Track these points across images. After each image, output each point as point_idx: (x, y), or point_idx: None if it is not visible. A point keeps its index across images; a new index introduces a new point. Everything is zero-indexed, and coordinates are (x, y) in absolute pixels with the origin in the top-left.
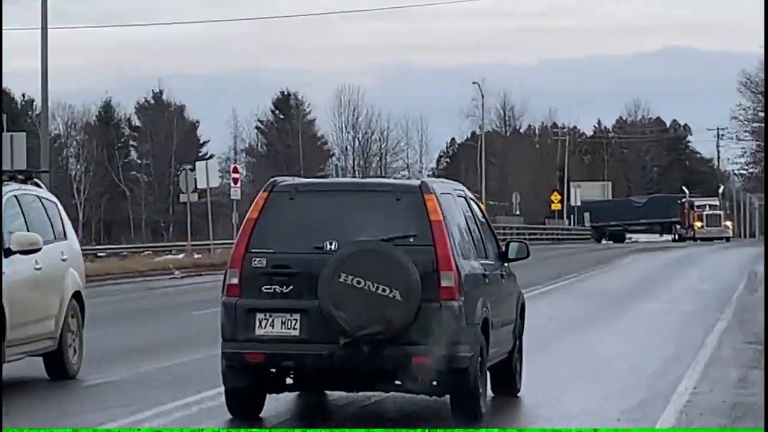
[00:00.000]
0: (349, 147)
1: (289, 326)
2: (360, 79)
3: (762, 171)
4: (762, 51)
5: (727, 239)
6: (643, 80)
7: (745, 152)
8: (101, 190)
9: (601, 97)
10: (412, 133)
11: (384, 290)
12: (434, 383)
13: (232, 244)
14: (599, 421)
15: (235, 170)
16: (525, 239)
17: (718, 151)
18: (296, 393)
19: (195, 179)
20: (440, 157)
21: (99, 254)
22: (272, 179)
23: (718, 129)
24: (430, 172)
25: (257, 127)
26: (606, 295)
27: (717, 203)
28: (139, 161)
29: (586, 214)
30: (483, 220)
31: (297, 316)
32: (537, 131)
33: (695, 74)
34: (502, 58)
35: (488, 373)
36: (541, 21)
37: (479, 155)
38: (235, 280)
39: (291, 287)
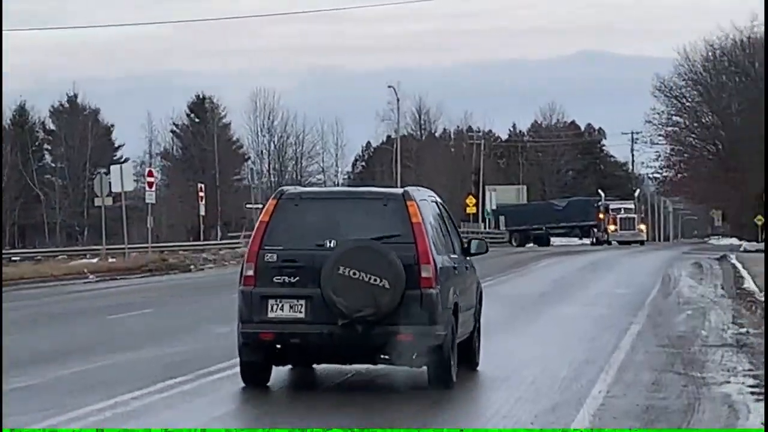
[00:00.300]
0: (264, 151)
1: (296, 310)
2: (276, 82)
3: (675, 174)
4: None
5: (642, 243)
6: (558, 84)
7: (659, 156)
8: (15, 194)
9: (516, 100)
10: (328, 136)
11: (375, 280)
12: (414, 357)
13: (147, 247)
14: (513, 424)
15: (150, 174)
16: None
17: (633, 155)
18: (290, 367)
19: (110, 183)
20: (356, 160)
21: (13, 258)
22: (280, 189)
23: (632, 133)
24: (346, 176)
25: (172, 131)
26: (521, 299)
27: (632, 206)
28: (53, 165)
29: (502, 218)
30: (449, 220)
31: (302, 301)
32: (452, 135)
33: (610, 78)
34: (418, 61)
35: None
36: (458, 24)
37: (395, 159)
38: (251, 272)
39: (297, 278)
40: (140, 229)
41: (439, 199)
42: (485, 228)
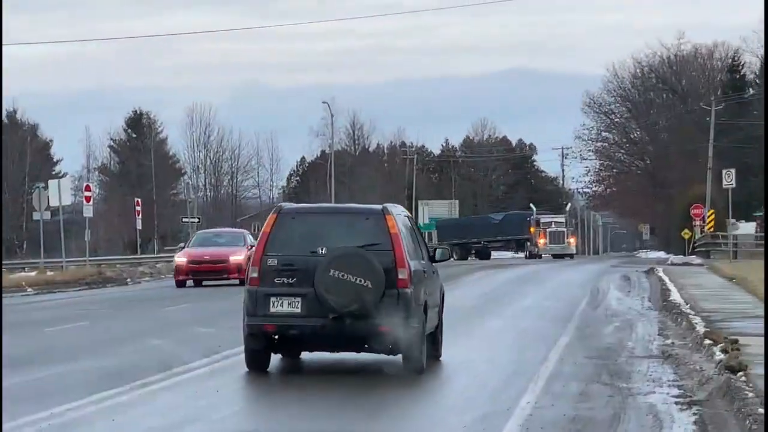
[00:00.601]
0: (200, 165)
1: (293, 306)
2: (212, 97)
3: (605, 189)
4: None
5: (571, 256)
6: (490, 100)
7: (589, 171)
8: None
9: (449, 116)
10: (263, 151)
11: (360, 281)
12: (391, 346)
13: (84, 261)
14: None
15: (88, 188)
16: None
17: (563, 170)
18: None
19: (48, 197)
20: (291, 175)
21: None
22: (279, 205)
23: (562, 148)
24: (281, 191)
25: (110, 146)
26: (452, 312)
27: (563, 220)
28: None
29: (434, 232)
30: (417, 232)
31: (299, 299)
32: (386, 150)
33: (541, 95)
34: (352, 78)
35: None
36: (392, 41)
37: (329, 174)
38: (255, 274)
39: (294, 279)
40: (78, 242)
41: (408, 214)
42: None
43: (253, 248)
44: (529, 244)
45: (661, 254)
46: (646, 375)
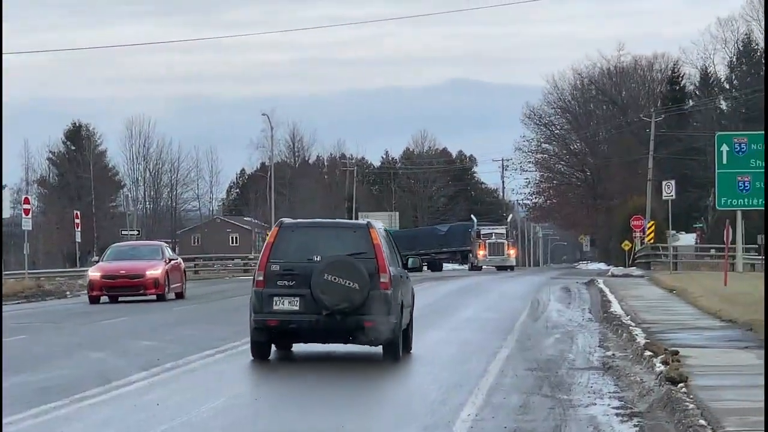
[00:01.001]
0: (140, 178)
1: (293, 304)
2: (153, 109)
3: (545, 201)
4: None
5: (511, 268)
6: (430, 112)
7: (529, 183)
8: None
9: (388, 128)
10: (203, 163)
11: (349, 283)
12: (373, 338)
13: (23, 274)
14: None
15: (27, 201)
16: None
17: (503, 182)
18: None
19: None
20: (230, 187)
21: None
22: (280, 220)
23: (503, 160)
24: (220, 203)
25: (49, 158)
26: None
27: (503, 231)
28: None
29: None
30: (394, 243)
31: (297, 298)
32: (326, 162)
33: (480, 106)
34: (294, 89)
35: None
36: (335, 52)
37: (268, 186)
38: (261, 278)
39: (294, 282)
40: (17, 255)
41: (386, 228)
42: None
43: (172, 262)
44: (471, 255)
45: (602, 266)
46: (587, 387)
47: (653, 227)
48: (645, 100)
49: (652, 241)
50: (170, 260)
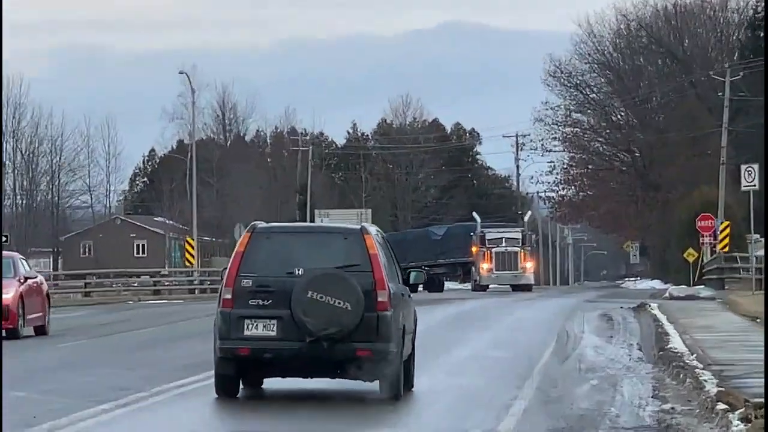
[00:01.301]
0: (8, 162)
1: (268, 328)
2: (27, 67)
3: (576, 193)
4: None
5: (528, 287)
6: (415, 69)
7: (554, 168)
8: None
9: (358, 92)
10: (97, 142)
11: (339, 303)
12: (368, 371)
13: None
14: None
15: None
16: None
17: (518, 167)
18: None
19: None
20: (135, 175)
21: None
22: (252, 224)
23: (517, 136)
24: (121, 197)
25: None
26: None
27: (517, 236)
28: None
29: None
30: (392, 253)
31: (274, 321)
32: (269, 139)
33: (485, 60)
34: (224, 39)
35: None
36: None
37: (189, 172)
38: (229, 296)
39: (270, 300)
40: None
41: (382, 233)
42: None
43: (29, 281)
44: (473, 270)
45: (656, 283)
46: None
47: (728, 230)
48: (716, 51)
49: (726, 249)
50: (26, 279)
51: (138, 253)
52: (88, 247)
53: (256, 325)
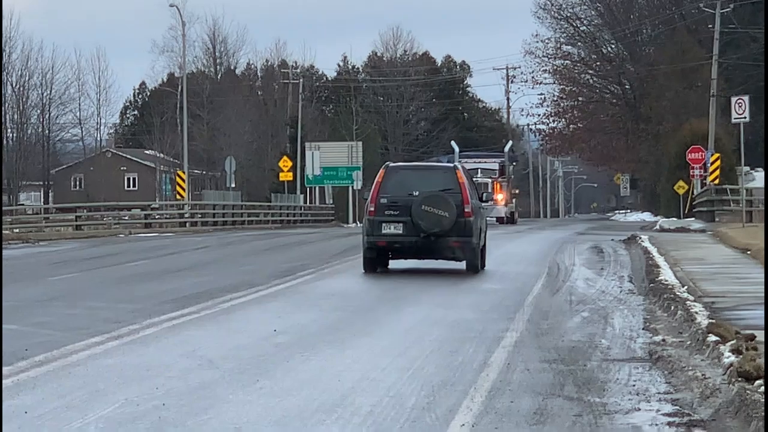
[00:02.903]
0: None
1: (397, 228)
2: (12, 0)
3: (566, 125)
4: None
5: (501, 220)
6: (406, 1)
7: (545, 100)
8: None
9: (347, 24)
10: (87, 75)
11: (441, 212)
12: (459, 255)
13: None
14: None
15: None
16: (243, 221)
17: (508, 100)
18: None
19: None
20: (126, 109)
21: None
22: (386, 163)
23: (507, 68)
24: (112, 130)
25: None
26: (352, 299)
27: (494, 167)
28: None
29: (327, 187)
30: (473, 182)
31: (400, 224)
32: (259, 72)
33: None
34: None
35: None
36: None
37: (179, 105)
38: (372, 208)
39: (398, 211)
40: None
41: (466, 166)
42: (307, 202)
43: None
44: None
45: (647, 216)
46: (627, 385)
47: (718, 162)
48: None
49: (716, 182)
50: None
51: (129, 186)
52: (79, 181)
53: (389, 226)
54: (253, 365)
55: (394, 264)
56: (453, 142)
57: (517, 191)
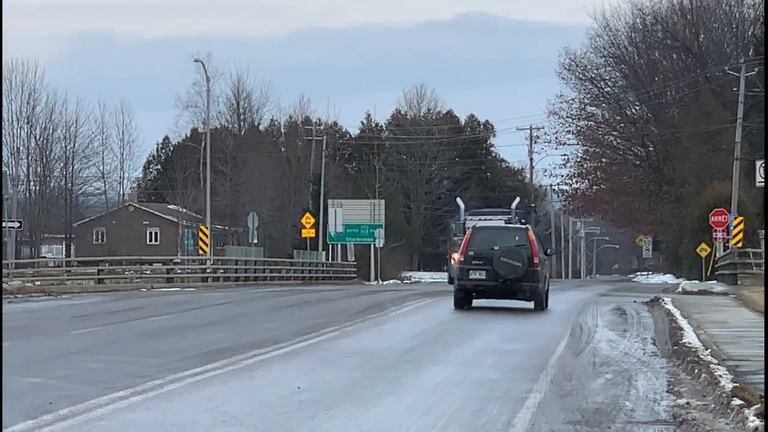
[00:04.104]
0: (22, 147)
1: (481, 275)
2: (41, 52)
3: (589, 186)
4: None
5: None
6: (430, 60)
7: (568, 161)
8: None
9: (372, 82)
10: (111, 129)
11: (516, 263)
12: (529, 297)
13: None
14: None
15: None
16: (266, 277)
17: (532, 160)
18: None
19: None
20: (149, 163)
21: None
22: (473, 225)
23: (531, 129)
24: (135, 184)
25: None
26: (375, 357)
27: (499, 224)
28: None
29: (350, 245)
30: (540, 239)
31: (484, 272)
32: (283, 129)
33: (500, 52)
34: (238, 27)
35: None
36: None
37: (203, 161)
38: (462, 259)
39: (482, 261)
40: None
41: (534, 228)
42: (329, 259)
43: None
44: (453, 261)
45: (669, 278)
46: None
47: (742, 225)
48: (732, 47)
49: (740, 245)
50: None
51: (151, 240)
52: (101, 234)
53: (475, 273)
54: (278, 422)
55: (428, 322)
56: (458, 199)
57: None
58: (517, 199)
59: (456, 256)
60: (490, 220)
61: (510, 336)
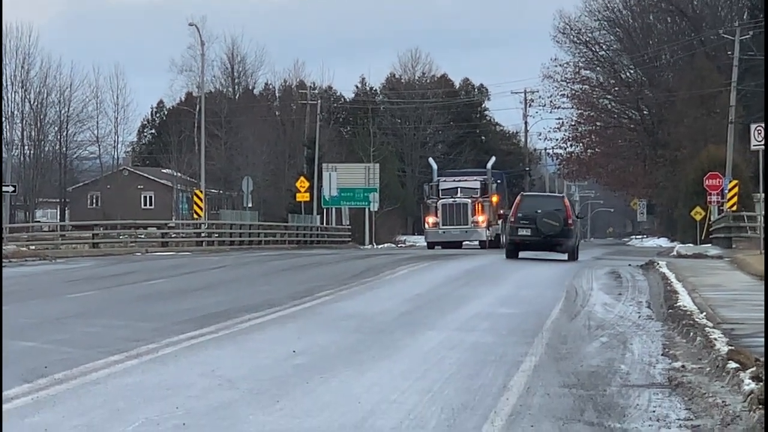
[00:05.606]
0: (16, 112)
1: (527, 232)
2: (34, 16)
3: (584, 150)
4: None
5: (485, 244)
6: (425, 24)
7: (563, 125)
8: None
9: (366, 46)
10: (105, 93)
11: (554, 222)
12: (564, 250)
13: None
14: None
15: None
16: (260, 241)
17: (526, 123)
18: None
19: None
20: (143, 127)
21: None
22: (521, 192)
23: (525, 92)
24: (129, 148)
25: None
26: (370, 321)
27: (475, 185)
28: None
29: (343, 208)
30: (572, 205)
31: (529, 229)
32: (277, 92)
33: (494, 16)
34: None
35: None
36: None
37: (197, 125)
38: (513, 219)
39: (528, 221)
40: None
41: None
42: (324, 222)
43: None
44: (427, 225)
45: (663, 241)
46: (647, 411)
47: (736, 189)
48: (726, 10)
49: (734, 208)
50: None
51: (145, 204)
52: (96, 199)
53: (522, 230)
54: (273, 386)
55: (423, 286)
56: (431, 159)
57: (501, 212)
58: (493, 159)
59: (512, 217)
60: (465, 180)
61: (505, 300)
